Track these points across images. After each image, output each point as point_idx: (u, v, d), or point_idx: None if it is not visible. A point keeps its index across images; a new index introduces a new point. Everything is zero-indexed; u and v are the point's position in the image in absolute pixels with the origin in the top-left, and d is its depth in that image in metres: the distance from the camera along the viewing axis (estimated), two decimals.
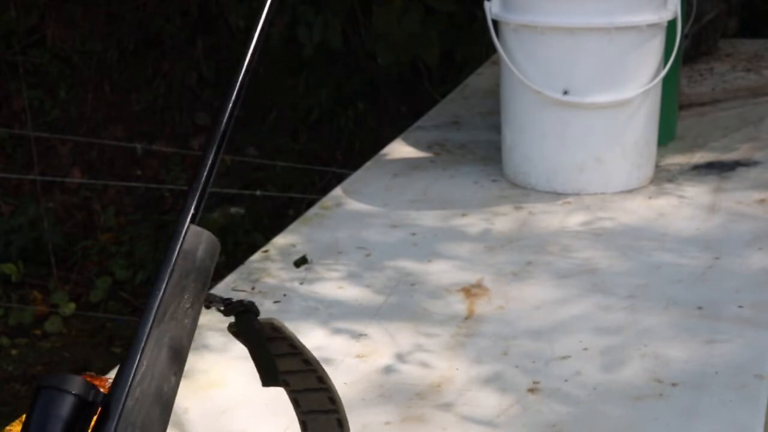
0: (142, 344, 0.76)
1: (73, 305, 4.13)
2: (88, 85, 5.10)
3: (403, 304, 1.75)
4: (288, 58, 4.84)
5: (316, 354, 1.58)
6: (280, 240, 2.03)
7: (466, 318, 1.68)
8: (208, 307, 0.87)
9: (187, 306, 0.79)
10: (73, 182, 4.78)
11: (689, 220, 2.06)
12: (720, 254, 1.88)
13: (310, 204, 2.32)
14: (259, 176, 4.73)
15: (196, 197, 0.83)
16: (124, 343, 3.84)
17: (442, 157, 2.52)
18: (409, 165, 2.47)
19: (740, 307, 1.67)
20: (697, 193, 2.20)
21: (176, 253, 0.80)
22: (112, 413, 0.73)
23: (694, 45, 3.13)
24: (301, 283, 1.84)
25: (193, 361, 0.83)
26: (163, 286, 0.79)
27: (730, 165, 2.36)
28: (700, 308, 1.67)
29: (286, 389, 1.00)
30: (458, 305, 1.73)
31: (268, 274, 1.87)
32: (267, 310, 1.74)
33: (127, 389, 0.75)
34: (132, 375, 0.75)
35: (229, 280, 1.86)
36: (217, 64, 5.05)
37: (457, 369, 1.52)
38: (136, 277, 4.28)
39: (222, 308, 0.91)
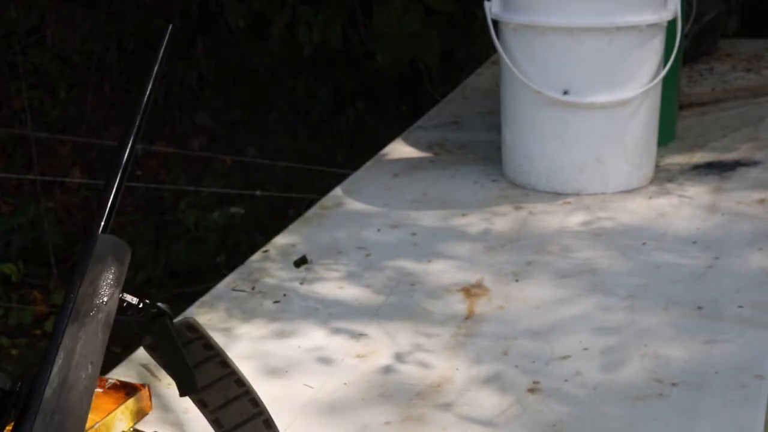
0: (58, 340, 0.85)
1: None
2: (88, 85, 5.10)
3: (402, 304, 1.75)
4: (288, 58, 4.84)
5: (316, 354, 1.59)
6: (280, 240, 2.03)
7: (466, 318, 1.68)
8: (122, 314, 0.94)
9: (101, 302, 0.89)
10: (73, 182, 4.77)
11: (689, 220, 2.06)
12: (720, 254, 1.88)
13: (310, 204, 2.32)
14: (259, 176, 4.73)
15: (108, 207, 0.95)
16: (124, 343, 3.83)
17: (442, 157, 2.52)
18: (409, 165, 2.47)
19: (740, 307, 1.67)
20: (697, 193, 2.20)
21: (88, 259, 0.90)
22: (33, 401, 0.81)
23: (694, 45, 3.13)
24: (301, 283, 1.84)
25: None
26: (76, 289, 0.88)
27: (730, 165, 2.36)
28: (700, 308, 1.67)
29: (204, 411, 1.02)
30: (458, 305, 1.73)
31: (268, 274, 1.87)
32: (267, 309, 1.74)
33: (45, 380, 0.82)
34: (50, 367, 0.83)
35: (230, 279, 1.86)
36: (217, 64, 5.05)
37: (457, 369, 1.52)
38: (136, 277, 4.27)
39: (137, 312, 0.97)
